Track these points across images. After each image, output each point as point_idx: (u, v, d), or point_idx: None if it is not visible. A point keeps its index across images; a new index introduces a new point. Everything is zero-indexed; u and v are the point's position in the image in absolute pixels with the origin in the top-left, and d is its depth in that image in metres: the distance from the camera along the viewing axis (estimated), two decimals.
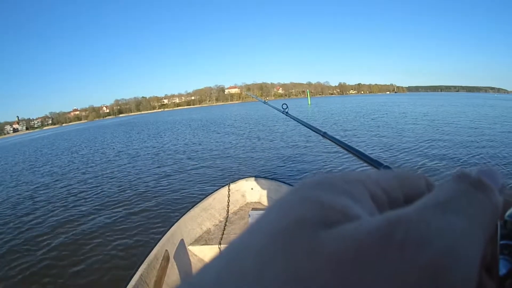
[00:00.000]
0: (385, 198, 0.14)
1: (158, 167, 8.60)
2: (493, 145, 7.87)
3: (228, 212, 2.97)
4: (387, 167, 0.63)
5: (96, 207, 5.46)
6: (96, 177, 8.24)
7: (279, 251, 0.10)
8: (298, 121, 1.52)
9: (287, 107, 1.82)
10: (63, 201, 6.14)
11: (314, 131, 1.25)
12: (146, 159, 10.20)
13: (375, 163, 0.68)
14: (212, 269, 0.11)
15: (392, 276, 0.09)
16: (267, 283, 0.10)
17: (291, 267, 0.10)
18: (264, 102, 2.62)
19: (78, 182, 7.82)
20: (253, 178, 3.30)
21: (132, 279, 1.77)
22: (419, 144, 8.58)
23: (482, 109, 21.75)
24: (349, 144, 0.86)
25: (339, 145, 0.92)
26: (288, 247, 0.10)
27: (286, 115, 1.75)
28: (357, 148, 0.80)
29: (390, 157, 7.24)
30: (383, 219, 0.11)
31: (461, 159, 6.64)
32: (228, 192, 3.06)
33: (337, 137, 1.01)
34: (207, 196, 3.02)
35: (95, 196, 6.24)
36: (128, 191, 6.28)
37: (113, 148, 14.58)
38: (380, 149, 8.26)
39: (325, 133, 1.14)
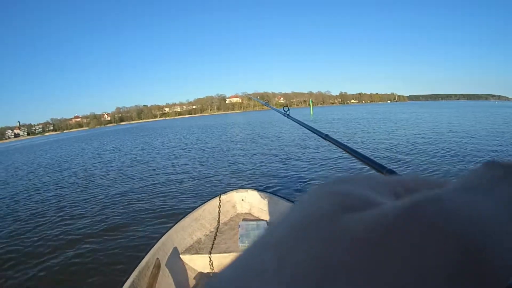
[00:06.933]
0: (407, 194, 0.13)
1: (151, 176, 8.71)
2: None
3: (218, 222, 3.03)
4: (390, 171, 0.61)
5: (88, 214, 5.55)
6: (87, 185, 8.36)
7: (299, 239, 0.10)
8: (299, 123, 1.52)
9: (289, 109, 1.85)
10: (55, 208, 6.26)
11: (315, 133, 1.22)
12: (139, 169, 10.29)
13: (378, 167, 0.66)
14: (232, 266, 0.11)
15: (417, 255, 0.09)
16: (287, 273, 0.09)
17: (312, 254, 0.09)
18: (265, 104, 2.74)
19: (67, 189, 7.92)
20: (243, 190, 3.35)
21: (124, 286, 1.82)
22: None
23: None
24: (351, 147, 0.83)
25: (342, 148, 0.90)
26: (308, 235, 0.10)
27: (288, 117, 1.78)
28: (360, 151, 0.77)
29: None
30: (406, 202, 0.10)
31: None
32: (219, 203, 3.13)
33: (339, 140, 0.98)
34: (198, 206, 3.07)
35: (87, 204, 6.33)
36: (120, 200, 6.37)
37: (109, 156, 14.71)
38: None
39: (327, 135, 1.11)
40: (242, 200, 3.33)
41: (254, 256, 0.11)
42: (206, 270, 2.54)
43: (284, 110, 1.85)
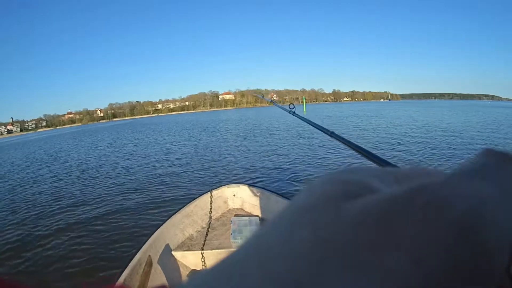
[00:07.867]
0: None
1: (143, 171, 8.69)
2: None
3: (210, 218, 3.01)
4: (394, 167, 0.61)
5: (78, 212, 5.49)
6: (78, 182, 8.27)
7: (305, 220, 0.11)
8: (305, 121, 1.52)
9: (294, 107, 1.84)
10: (49, 201, 6.25)
11: (321, 130, 1.23)
12: (132, 163, 10.25)
13: (382, 162, 0.68)
14: (243, 245, 0.11)
15: (413, 237, 0.09)
16: (294, 247, 0.10)
17: (317, 232, 0.10)
18: (271, 101, 2.69)
19: (59, 185, 7.87)
20: (235, 185, 3.33)
21: (116, 284, 1.80)
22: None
23: None
24: (356, 143, 0.85)
25: (347, 145, 0.92)
26: (314, 217, 0.11)
27: (293, 115, 1.76)
28: (364, 147, 0.79)
29: None
30: (405, 187, 0.11)
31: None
32: (211, 198, 3.10)
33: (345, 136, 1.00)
34: (190, 202, 3.03)
35: (77, 200, 6.28)
36: (110, 197, 6.31)
37: (104, 152, 14.54)
38: None
39: (332, 132, 1.13)
40: (234, 195, 3.30)
41: (262, 235, 0.11)
42: (199, 266, 2.52)
43: (290, 108, 1.85)
